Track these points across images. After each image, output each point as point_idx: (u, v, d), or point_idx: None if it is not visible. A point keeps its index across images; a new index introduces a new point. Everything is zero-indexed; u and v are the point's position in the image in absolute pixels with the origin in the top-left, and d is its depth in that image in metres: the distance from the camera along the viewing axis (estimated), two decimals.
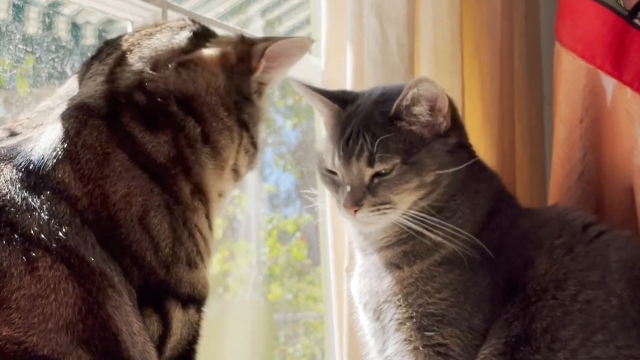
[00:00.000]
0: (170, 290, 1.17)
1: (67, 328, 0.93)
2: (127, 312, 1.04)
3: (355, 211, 1.61)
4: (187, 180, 1.24)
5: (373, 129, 1.63)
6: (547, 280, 1.62)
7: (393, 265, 1.67)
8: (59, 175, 1.11)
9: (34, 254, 0.98)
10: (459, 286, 1.62)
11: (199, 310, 1.23)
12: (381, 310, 1.67)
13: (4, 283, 0.92)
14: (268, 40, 1.42)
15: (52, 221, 1.04)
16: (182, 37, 1.36)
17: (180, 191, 1.22)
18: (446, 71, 2.17)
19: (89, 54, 1.39)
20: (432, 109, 1.65)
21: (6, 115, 1.88)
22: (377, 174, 1.63)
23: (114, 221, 1.12)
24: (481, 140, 2.25)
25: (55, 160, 1.12)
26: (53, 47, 1.90)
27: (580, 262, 1.64)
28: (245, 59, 1.40)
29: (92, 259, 1.03)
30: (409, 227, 1.63)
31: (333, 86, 2.22)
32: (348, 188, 1.63)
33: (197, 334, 1.22)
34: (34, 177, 1.09)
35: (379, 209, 1.61)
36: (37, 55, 1.86)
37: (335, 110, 1.72)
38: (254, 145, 1.42)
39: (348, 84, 2.10)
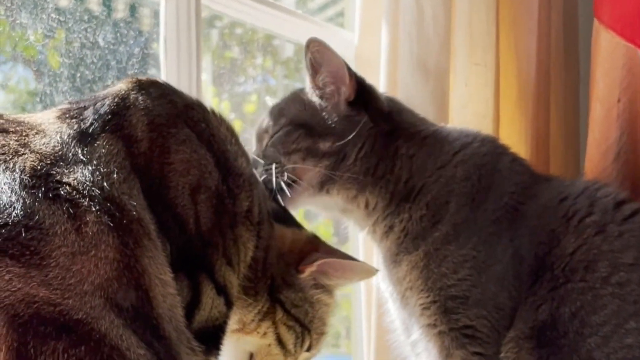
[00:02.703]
0: (205, 268, 1.13)
1: (102, 289, 0.90)
2: (162, 263, 1.01)
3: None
4: (250, 203, 1.23)
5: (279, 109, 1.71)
6: (576, 261, 1.56)
7: (402, 248, 1.64)
8: (128, 115, 1.11)
9: (80, 209, 0.94)
10: (477, 263, 1.57)
11: (228, 308, 1.19)
12: (407, 297, 1.64)
13: (46, 242, 0.89)
14: (332, 253, 1.44)
15: (102, 168, 1.01)
16: None
17: (239, 200, 1.20)
18: (480, 47, 2.14)
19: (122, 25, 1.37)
20: (334, 76, 1.65)
21: (37, 87, 1.88)
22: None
23: (164, 180, 1.10)
24: (516, 119, 2.22)
25: (127, 104, 1.12)
26: (86, 17, 1.89)
27: (612, 242, 1.57)
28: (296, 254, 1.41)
29: (134, 203, 1.01)
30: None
31: (366, 61, 2.20)
32: None
33: (225, 324, 1.18)
34: (98, 122, 1.08)
35: (267, 170, 1.61)
36: (70, 25, 1.85)
37: None
38: (302, 325, 1.40)
39: (382, 58, 2.07)
